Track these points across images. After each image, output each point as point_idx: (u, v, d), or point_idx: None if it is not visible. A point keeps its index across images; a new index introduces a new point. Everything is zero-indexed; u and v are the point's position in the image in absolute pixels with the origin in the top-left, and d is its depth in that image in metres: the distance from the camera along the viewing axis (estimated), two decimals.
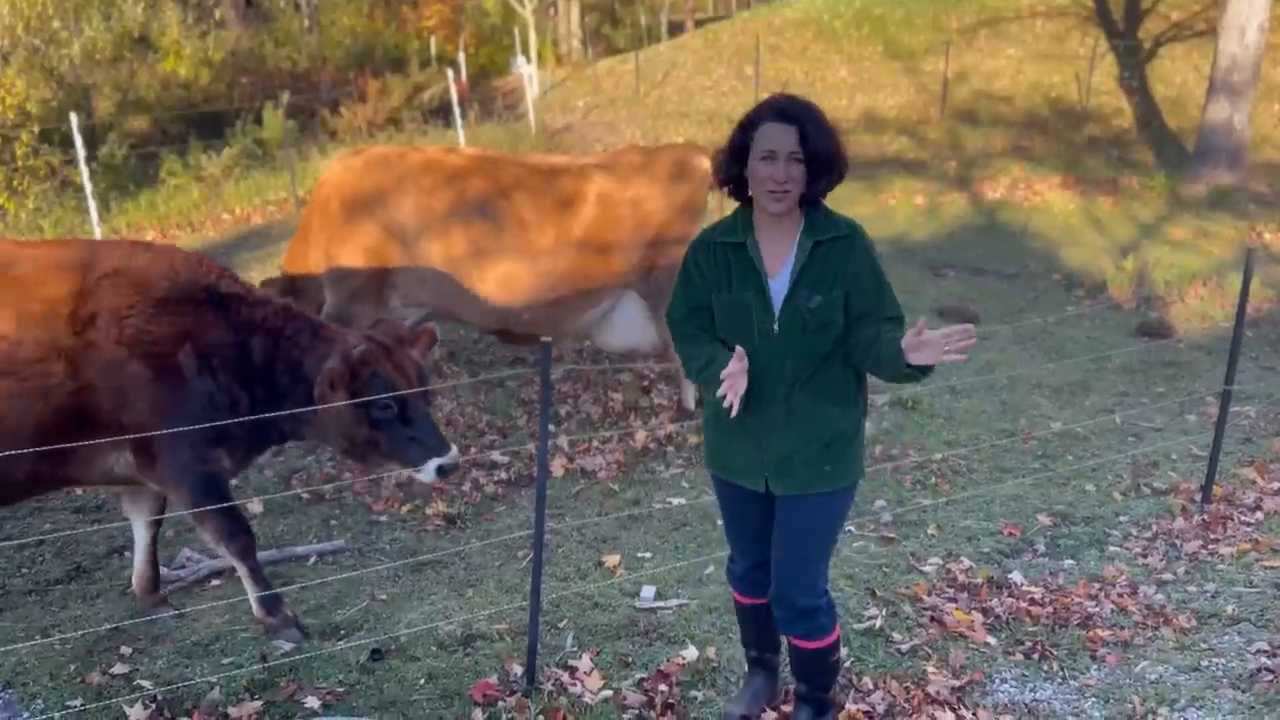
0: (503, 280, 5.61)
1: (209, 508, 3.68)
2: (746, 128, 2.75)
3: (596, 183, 5.75)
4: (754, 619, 3.27)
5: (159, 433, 3.51)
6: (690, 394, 6.24)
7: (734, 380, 2.67)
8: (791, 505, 2.92)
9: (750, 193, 2.80)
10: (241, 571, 3.83)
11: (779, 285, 2.80)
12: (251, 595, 3.84)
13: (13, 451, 3.31)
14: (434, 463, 3.73)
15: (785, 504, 2.92)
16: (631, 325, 5.96)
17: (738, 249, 2.84)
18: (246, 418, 3.68)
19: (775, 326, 2.79)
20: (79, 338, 3.48)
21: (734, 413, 2.69)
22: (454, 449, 3.80)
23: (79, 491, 5.03)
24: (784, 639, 3.16)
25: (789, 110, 2.72)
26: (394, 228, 5.56)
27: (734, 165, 2.80)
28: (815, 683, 3.15)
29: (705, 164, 6.00)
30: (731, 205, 2.98)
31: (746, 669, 3.44)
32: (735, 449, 2.94)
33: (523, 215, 5.60)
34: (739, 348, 2.71)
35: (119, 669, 3.60)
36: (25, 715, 3.35)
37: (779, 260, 2.81)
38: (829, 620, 3.01)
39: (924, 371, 2.68)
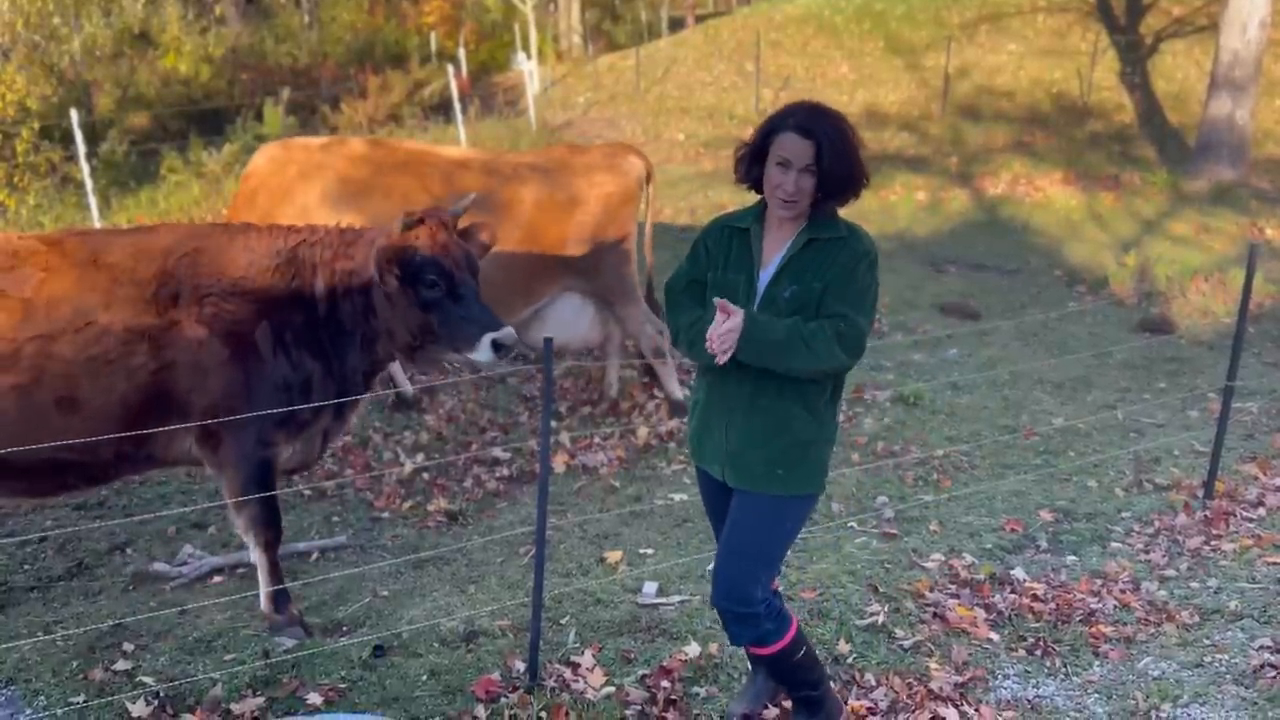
0: None
1: (252, 496, 3.71)
2: (769, 132, 2.78)
3: (529, 182, 5.70)
4: None
5: (233, 417, 3.58)
6: (675, 384, 6.25)
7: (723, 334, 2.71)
8: (741, 501, 2.92)
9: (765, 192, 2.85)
10: (261, 563, 3.84)
11: (767, 273, 2.85)
12: (264, 589, 3.85)
13: (96, 429, 3.45)
14: (488, 338, 3.68)
15: (736, 498, 2.93)
16: (563, 323, 5.93)
17: (742, 234, 2.90)
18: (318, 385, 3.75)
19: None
20: (162, 318, 3.57)
21: (721, 361, 2.71)
22: (509, 326, 3.75)
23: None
24: None
25: (811, 125, 2.73)
26: (320, 220, 5.44)
27: (755, 166, 2.84)
28: (792, 684, 3.14)
29: (638, 164, 6.01)
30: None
31: (749, 666, 3.44)
32: (706, 434, 2.96)
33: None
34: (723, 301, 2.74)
35: (121, 665, 3.60)
36: (28, 712, 3.34)
37: (775, 251, 2.86)
38: (776, 625, 2.97)
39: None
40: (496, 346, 3.70)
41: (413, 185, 5.52)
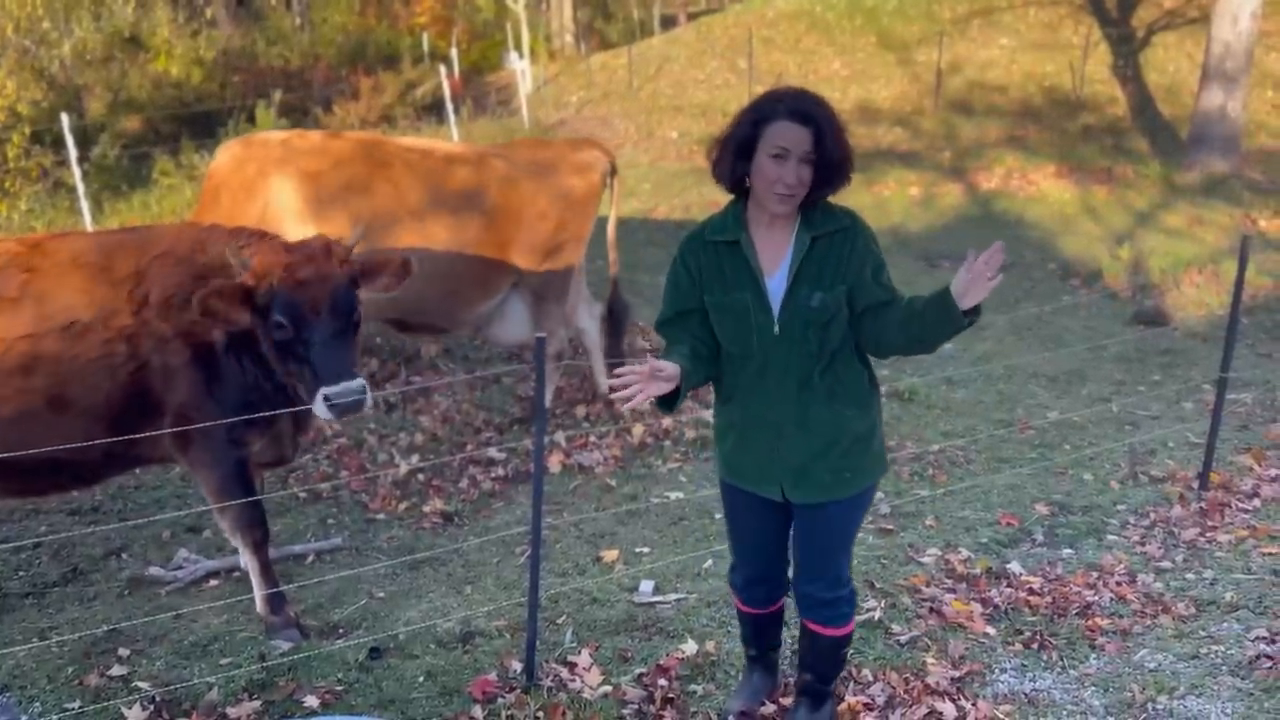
0: None
1: (232, 494, 3.71)
2: (758, 122, 2.58)
3: (495, 174, 5.67)
4: (754, 624, 3.25)
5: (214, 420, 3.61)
6: (602, 377, 6.29)
7: (639, 380, 2.52)
8: (810, 513, 2.83)
9: (751, 188, 2.67)
10: (252, 565, 3.83)
11: (777, 284, 2.68)
12: (258, 592, 3.84)
13: (85, 428, 3.53)
14: (321, 392, 3.37)
15: (804, 511, 2.84)
16: (524, 320, 5.91)
17: (731, 246, 2.70)
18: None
19: (776, 328, 2.68)
20: (136, 317, 3.61)
21: (629, 406, 2.54)
22: (355, 381, 3.37)
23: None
24: (790, 628, 3.15)
25: (806, 110, 2.57)
26: (284, 215, 5.34)
27: (741, 161, 2.63)
28: (820, 673, 3.12)
29: (602, 158, 6.00)
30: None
31: (745, 664, 3.43)
32: (749, 457, 2.83)
33: (418, 204, 5.45)
34: (670, 364, 2.58)
35: (117, 670, 3.59)
36: (24, 718, 3.34)
37: (776, 257, 2.69)
38: (850, 609, 2.99)
39: (978, 313, 2.51)
40: (329, 403, 3.36)
41: (376, 175, 5.46)
